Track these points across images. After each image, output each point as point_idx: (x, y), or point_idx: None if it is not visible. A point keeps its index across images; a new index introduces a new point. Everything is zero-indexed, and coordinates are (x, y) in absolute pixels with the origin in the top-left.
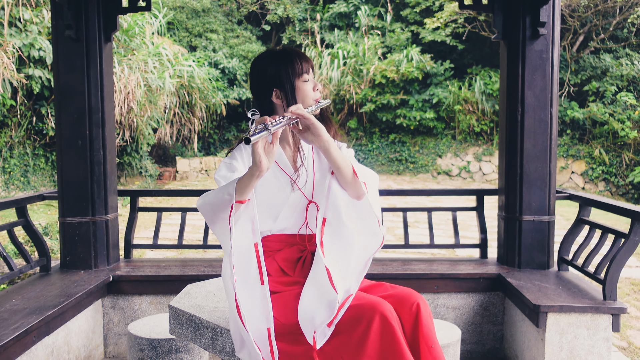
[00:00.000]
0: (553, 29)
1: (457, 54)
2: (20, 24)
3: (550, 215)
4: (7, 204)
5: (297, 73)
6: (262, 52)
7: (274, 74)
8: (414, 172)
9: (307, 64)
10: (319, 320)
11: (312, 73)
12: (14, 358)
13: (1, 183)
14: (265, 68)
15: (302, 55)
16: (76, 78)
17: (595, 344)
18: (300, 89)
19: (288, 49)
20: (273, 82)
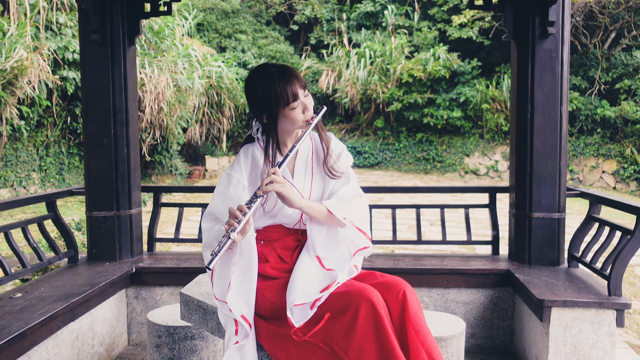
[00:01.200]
0: (562, 28)
1: (485, 52)
2: (55, 27)
3: (560, 212)
4: (37, 198)
5: (284, 103)
6: (256, 69)
7: (262, 102)
8: (441, 171)
9: (294, 89)
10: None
11: (301, 93)
12: (41, 341)
13: (38, 180)
14: (255, 92)
15: (289, 79)
16: (102, 80)
17: (600, 338)
18: (288, 116)
19: (277, 73)
20: (262, 108)
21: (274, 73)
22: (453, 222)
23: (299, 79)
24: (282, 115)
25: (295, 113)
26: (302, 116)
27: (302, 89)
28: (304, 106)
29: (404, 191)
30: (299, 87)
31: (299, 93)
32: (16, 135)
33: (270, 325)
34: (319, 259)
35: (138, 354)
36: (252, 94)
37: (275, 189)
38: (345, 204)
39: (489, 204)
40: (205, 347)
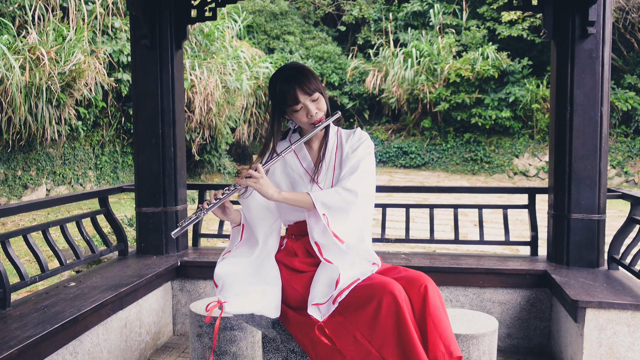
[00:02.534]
0: (603, 28)
1: (536, 50)
2: (110, 32)
3: (600, 214)
4: (90, 194)
5: (286, 105)
6: (275, 72)
7: (272, 101)
8: (489, 172)
9: (295, 93)
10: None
11: (307, 97)
12: (92, 327)
13: (93, 178)
14: (269, 93)
15: (292, 83)
16: (151, 82)
17: (636, 341)
18: (292, 117)
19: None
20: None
21: (283, 76)
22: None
23: (303, 85)
24: (290, 114)
25: (298, 115)
26: (306, 119)
27: (305, 94)
28: (307, 110)
29: (442, 191)
30: (300, 92)
31: (299, 97)
32: (74, 135)
33: (298, 315)
34: (318, 246)
35: (182, 344)
36: (269, 94)
37: (249, 183)
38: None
39: (528, 204)
40: (244, 337)
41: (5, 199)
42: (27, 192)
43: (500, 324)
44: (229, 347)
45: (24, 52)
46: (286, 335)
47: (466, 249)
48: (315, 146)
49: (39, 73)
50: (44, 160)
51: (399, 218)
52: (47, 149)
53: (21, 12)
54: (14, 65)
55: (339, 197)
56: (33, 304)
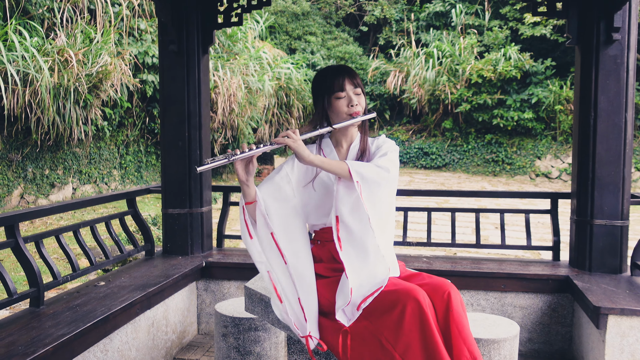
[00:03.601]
0: (629, 34)
1: (559, 51)
2: (136, 33)
3: (623, 220)
4: (118, 195)
5: (331, 90)
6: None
7: (317, 89)
8: (510, 173)
9: (342, 81)
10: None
11: (352, 89)
12: (121, 325)
13: (118, 177)
14: (314, 83)
15: (341, 72)
16: (178, 87)
17: None
18: (333, 104)
19: (332, 67)
20: (316, 96)
21: (333, 68)
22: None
23: (351, 76)
24: (330, 103)
25: (339, 103)
26: (346, 109)
27: (351, 84)
28: (350, 100)
29: (464, 195)
30: (347, 81)
31: (346, 86)
32: (99, 135)
33: (326, 319)
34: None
35: (206, 343)
36: (313, 85)
37: (286, 141)
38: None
39: (551, 209)
40: (268, 338)
41: (33, 197)
42: (54, 190)
43: (522, 328)
44: (253, 348)
45: (52, 54)
46: None
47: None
48: (344, 146)
49: (67, 75)
50: (71, 159)
51: (420, 220)
52: (74, 149)
53: (50, 14)
54: (43, 67)
55: (374, 170)
56: (65, 303)
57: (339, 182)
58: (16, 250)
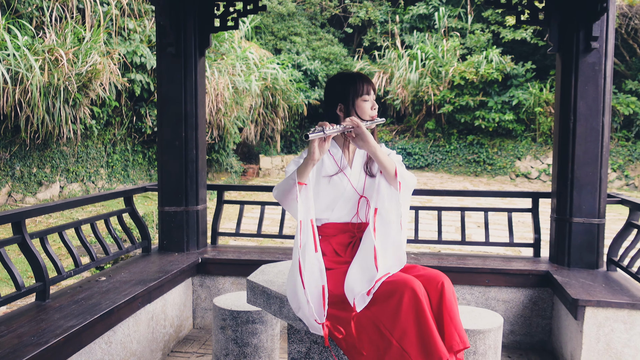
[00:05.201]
0: (606, 43)
1: (539, 54)
2: (125, 33)
3: (600, 218)
4: (117, 194)
5: (359, 93)
6: (337, 73)
7: (341, 91)
8: (491, 174)
9: (368, 86)
10: (358, 289)
11: (372, 95)
12: (124, 318)
13: (105, 176)
14: (334, 86)
15: (366, 79)
16: (175, 88)
17: (632, 337)
18: (360, 106)
19: (355, 73)
20: (339, 97)
21: (353, 73)
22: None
23: (372, 83)
24: (356, 105)
25: (366, 105)
26: (370, 111)
27: (373, 91)
28: (373, 104)
29: (450, 194)
30: (372, 87)
31: (371, 91)
32: (87, 133)
33: (329, 309)
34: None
35: (202, 337)
36: (332, 88)
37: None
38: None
39: (532, 208)
40: (265, 330)
41: (21, 195)
42: (41, 189)
43: (504, 321)
44: (251, 339)
45: (42, 53)
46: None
47: (470, 249)
48: (350, 148)
49: (57, 74)
50: (58, 158)
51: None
52: (62, 147)
53: (39, 13)
54: (34, 65)
55: (410, 176)
56: (70, 297)
57: (380, 177)
58: (23, 246)
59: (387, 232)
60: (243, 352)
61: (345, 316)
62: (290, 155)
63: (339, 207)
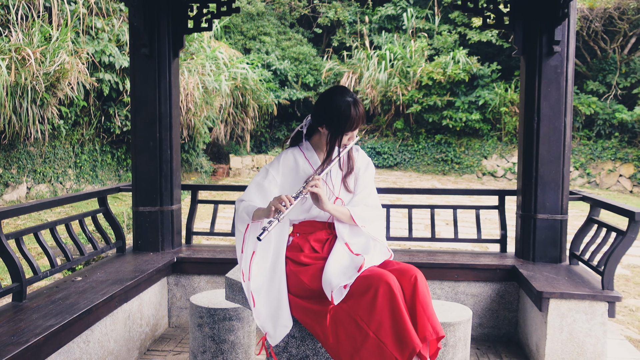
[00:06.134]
0: (568, 46)
1: (504, 55)
2: (92, 32)
3: (563, 214)
4: (91, 194)
5: (349, 129)
6: (338, 90)
7: (337, 118)
8: (459, 172)
9: (359, 123)
10: (336, 283)
11: (358, 129)
12: (102, 317)
13: (73, 177)
14: (331, 106)
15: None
16: (149, 89)
17: (593, 327)
18: (342, 139)
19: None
20: (331, 120)
21: (353, 103)
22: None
23: (363, 115)
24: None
25: (346, 138)
26: (347, 142)
27: (362, 122)
28: (352, 136)
29: (420, 192)
30: (361, 122)
31: (359, 126)
32: (55, 133)
33: (305, 303)
34: (348, 246)
35: (178, 335)
36: (328, 109)
37: (317, 192)
38: (367, 212)
39: (498, 205)
40: (241, 327)
41: None
42: (7, 190)
43: (473, 314)
44: (228, 336)
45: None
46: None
47: (440, 246)
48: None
49: (24, 73)
50: (25, 158)
51: None
52: (28, 148)
53: (4, 11)
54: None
55: (369, 212)
56: (47, 297)
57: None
58: None
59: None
60: (220, 348)
61: (322, 309)
62: (260, 156)
63: (315, 207)
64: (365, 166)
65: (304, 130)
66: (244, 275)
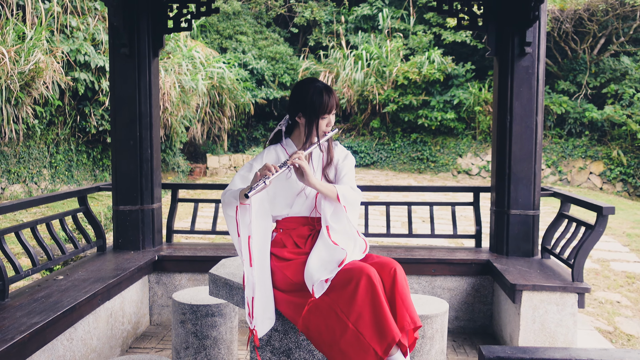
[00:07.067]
0: (538, 48)
1: (478, 55)
2: (67, 31)
3: (535, 209)
4: (71, 193)
5: (322, 111)
6: (308, 79)
7: (305, 103)
8: (434, 170)
9: (332, 106)
10: (317, 277)
11: (333, 112)
12: (85, 315)
13: (48, 177)
14: (301, 95)
15: (332, 99)
16: (129, 88)
17: (563, 318)
18: (319, 123)
19: (324, 89)
20: (302, 108)
21: (324, 88)
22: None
23: (337, 99)
24: (319, 120)
25: (323, 122)
26: (325, 127)
27: (336, 107)
28: (329, 121)
29: (397, 190)
30: (335, 105)
31: (333, 109)
32: (29, 133)
33: (288, 296)
34: (328, 230)
35: (159, 333)
36: (300, 95)
37: (301, 164)
38: (351, 194)
39: (473, 202)
40: (224, 323)
41: None
42: None
43: (450, 308)
44: (210, 332)
45: None
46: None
47: (417, 242)
48: None
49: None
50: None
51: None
52: (2, 148)
53: None
54: None
55: (353, 194)
56: (29, 295)
57: (324, 200)
58: None
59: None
60: (203, 344)
61: (304, 302)
62: (237, 155)
63: (297, 203)
64: (344, 156)
65: (283, 128)
66: (244, 261)
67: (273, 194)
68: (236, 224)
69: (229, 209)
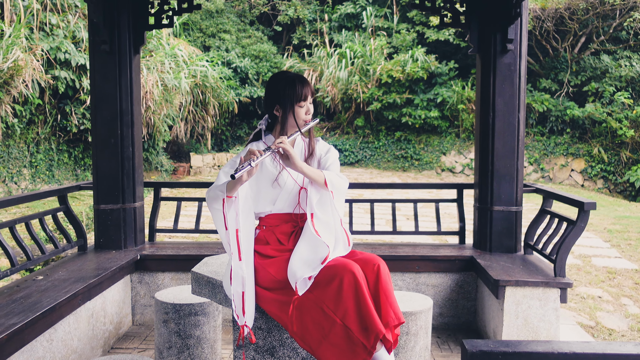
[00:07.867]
0: (520, 45)
1: (461, 54)
2: (47, 28)
3: (517, 206)
4: (51, 192)
5: (296, 99)
6: (279, 72)
7: (279, 94)
8: (418, 168)
9: (306, 92)
10: (300, 274)
11: (309, 99)
12: (65, 316)
13: (28, 176)
14: (274, 87)
15: (304, 85)
16: (110, 85)
17: (546, 313)
18: (295, 111)
19: (296, 77)
20: (277, 100)
21: (295, 77)
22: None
23: (311, 87)
24: (295, 109)
25: (301, 111)
26: (304, 116)
27: (311, 95)
28: (308, 109)
29: (381, 187)
30: (309, 92)
31: (309, 96)
32: (9, 132)
33: (272, 294)
34: (312, 218)
35: (142, 333)
36: (273, 88)
37: (285, 147)
38: (338, 181)
39: (457, 199)
40: (207, 322)
41: None
42: None
43: (434, 304)
44: (193, 331)
45: None
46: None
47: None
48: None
49: None
50: None
51: None
52: None
53: None
54: None
55: (340, 180)
56: (8, 296)
57: (311, 187)
58: None
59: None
60: (186, 343)
61: (288, 300)
62: (221, 154)
63: (280, 199)
64: (327, 150)
65: (263, 127)
66: (233, 255)
67: (257, 190)
68: (223, 217)
69: (215, 203)
